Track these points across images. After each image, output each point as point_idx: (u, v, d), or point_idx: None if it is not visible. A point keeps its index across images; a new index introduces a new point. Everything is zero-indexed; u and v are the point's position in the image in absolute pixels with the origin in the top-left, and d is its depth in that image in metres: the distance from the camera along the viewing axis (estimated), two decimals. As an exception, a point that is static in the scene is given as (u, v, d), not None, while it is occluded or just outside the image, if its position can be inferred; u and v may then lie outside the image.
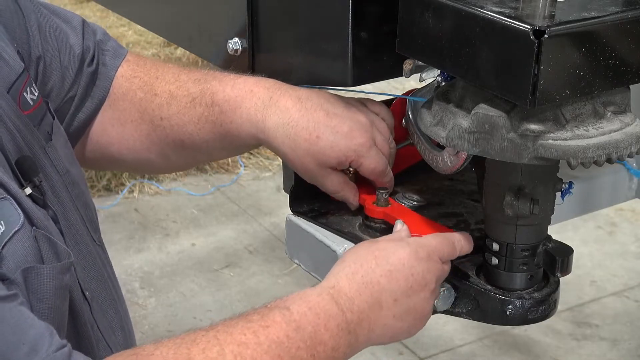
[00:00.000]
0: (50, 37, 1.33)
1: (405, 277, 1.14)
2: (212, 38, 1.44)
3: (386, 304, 1.13)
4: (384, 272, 1.14)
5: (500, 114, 1.08)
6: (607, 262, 3.90)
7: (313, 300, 1.10)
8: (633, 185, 1.57)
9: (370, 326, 1.12)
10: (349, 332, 1.10)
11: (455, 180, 1.46)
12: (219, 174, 4.41)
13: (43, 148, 1.21)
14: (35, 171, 1.14)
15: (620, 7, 1.06)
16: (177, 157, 1.40)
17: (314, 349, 1.05)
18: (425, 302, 1.17)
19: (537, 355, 3.33)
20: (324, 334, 1.07)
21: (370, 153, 1.25)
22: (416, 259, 1.15)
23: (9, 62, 1.19)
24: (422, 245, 1.17)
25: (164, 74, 1.38)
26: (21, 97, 1.20)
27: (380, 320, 1.13)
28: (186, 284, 3.63)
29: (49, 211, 1.15)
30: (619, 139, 1.09)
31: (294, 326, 1.06)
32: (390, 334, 1.16)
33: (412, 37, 1.14)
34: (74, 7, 5.36)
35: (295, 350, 1.04)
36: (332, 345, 1.07)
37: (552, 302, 1.24)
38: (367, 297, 1.12)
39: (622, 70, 1.06)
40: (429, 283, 1.16)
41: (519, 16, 1.01)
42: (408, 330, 1.17)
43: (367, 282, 1.13)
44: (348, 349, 1.10)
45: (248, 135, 1.28)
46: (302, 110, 1.25)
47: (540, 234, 1.23)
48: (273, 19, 1.33)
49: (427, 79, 1.26)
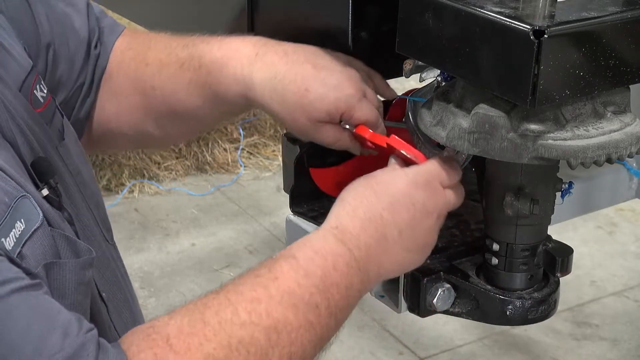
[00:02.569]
0: (57, 25, 1.32)
1: (407, 208, 1.11)
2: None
3: (392, 237, 1.11)
4: (386, 205, 1.11)
5: (500, 114, 1.08)
6: (607, 262, 3.89)
7: (318, 244, 1.08)
8: (633, 185, 1.57)
9: (379, 261, 1.11)
10: (359, 269, 1.08)
11: (455, 180, 1.46)
12: (219, 174, 4.41)
13: (55, 148, 1.20)
14: (52, 172, 1.13)
15: (620, 7, 1.06)
16: (172, 126, 1.38)
17: (327, 291, 1.04)
18: (431, 230, 1.14)
19: (537, 355, 3.33)
20: (335, 275, 1.06)
21: (360, 104, 1.21)
22: (415, 188, 1.13)
23: (18, 60, 1.19)
24: (419, 173, 1.14)
25: (155, 44, 1.36)
26: (32, 94, 1.19)
27: (389, 254, 1.11)
28: (186, 284, 3.63)
29: (64, 213, 1.14)
30: (619, 139, 1.09)
31: (302, 273, 1.04)
32: (399, 267, 1.15)
33: (412, 37, 1.14)
34: (74, 7, 5.36)
35: (308, 297, 1.03)
36: (345, 285, 1.06)
37: (552, 302, 1.24)
38: (372, 232, 1.10)
39: (622, 70, 1.06)
40: (431, 211, 1.13)
41: (519, 16, 1.01)
42: (417, 260, 1.16)
43: (370, 218, 1.10)
44: (361, 286, 1.09)
45: (237, 95, 1.25)
46: (288, 63, 1.22)
47: (540, 234, 1.23)
48: (273, 19, 1.33)
49: (427, 79, 1.26)
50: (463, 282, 1.24)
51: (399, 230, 1.11)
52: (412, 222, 1.12)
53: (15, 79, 1.17)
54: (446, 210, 1.16)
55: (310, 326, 1.02)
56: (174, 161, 4.54)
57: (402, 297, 1.25)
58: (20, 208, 1.01)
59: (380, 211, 1.11)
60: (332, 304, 1.05)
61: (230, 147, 4.67)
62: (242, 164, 4.47)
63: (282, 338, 0.99)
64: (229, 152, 4.64)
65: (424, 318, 1.26)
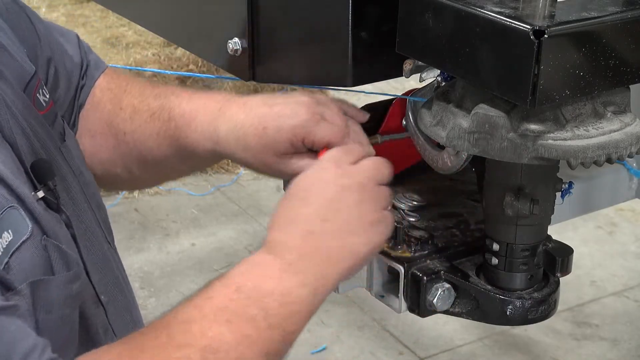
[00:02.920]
0: (55, 45, 1.35)
1: (318, 194, 1.09)
2: (212, 38, 1.44)
3: (317, 228, 1.07)
4: (299, 200, 1.09)
5: (500, 114, 1.08)
6: (607, 262, 3.90)
7: (249, 259, 1.07)
8: (633, 185, 1.57)
9: (315, 257, 1.06)
10: (295, 272, 1.04)
11: (455, 180, 1.46)
12: (219, 174, 4.41)
13: (58, 148, 1.21)
14: (51, 174, 1.13)
15: (620, 7, 1.06)
16: (141, 172, 1.40)
17: (261, 301, 1.01)
18: (361, 204, 1.09)
19: (537, 355, 3.33)
20: (268, 283, 1.03)
21: (319, 126, 1.20)
22: (323, 172, 1.12)
23: (21, 63, 1.20)
24: (326, 159, 1.14)
25: (131, 88, 1.39)
26: (35, 97, 1.20)
27: (325, 247, 1.06)
28: (186, 284, 3.63)
29: (62, 215, 1.14)
30: (619, 139, 1.09)
31: (234, 288, 1.02)
32: (350, 253, 1.08)
33: (412, 37, 1.14)
34: (74, 7, 5.36)
35: (243, 309, 1.00)
36: (281, 292, 1.02)
37: (552, 302, 1.24)
38: (296, 232, 1.07)
39: (622, 70, 1.06)
40: (348, 187, 1.10)
41: (519, 16, 1.01)
42: (366, 241, 1.09)
43: (290, 219, 1.08)
44: (304, 289, 1.04)
45: (205, 150, 1.28)
46: (246, 110, 1.24)
47: (540, 234, 1.23)
48: (273, 19, 1.33)
49: (427, 79, 1.26)
50: (463, 282, 1.24)
51: (321, 219, 1.07)
52: (331, 204, 1.08)
53: (19, 80, 1.18)
54: (370, 179, 1.11)
55: (250, 341, 0.99)
56: (174, 161, 4.54)
57: (402, 297, 1.26)
58: (8, 219, 1.01)
59: (297, 209, 1.09)
60: (270, 314, 1.01)
61: (230, 147, 4.67)
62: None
63: (220, 357, 0.97)
64: (229, 152, 4.64)
65: (424, 318, 1.26)
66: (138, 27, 2.93)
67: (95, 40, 4.85)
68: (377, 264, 1.30)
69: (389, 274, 1.31)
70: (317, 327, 3.51)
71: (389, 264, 1.27)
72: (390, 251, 1.27)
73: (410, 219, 1.35)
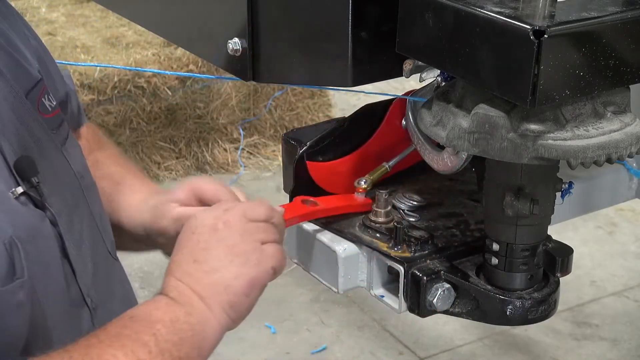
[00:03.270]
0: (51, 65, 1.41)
1: (189, 239, 1.18)
2: (212, 38, 1.44)
3: (191, 269, 1.16)
4: (176, 248, 1.19)
5: (500, 114, 1.08)
6: (607, 262, 3.90)
7: (146, 303, 1.16)
8: (633, 185, 1.57)
9: (193, 295, 1.14)
10: (181, 304, 1.13)
11: (455, 180, 1.46)
12: (219, 174, 4.41)
13: (60, 150, 1.25)
14: (34, 171, 1.15)
15: (620, 7, 1.06)
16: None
17: (152, 327, 1.09)
18: (226, 241, 1.16)
19: (537, 355, 3.33)
20: (157, 313, 1.12)
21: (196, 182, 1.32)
22: (199, 215, 1.21)
23: (28, 70, 1.26)
24: (201, 209, 1.25)
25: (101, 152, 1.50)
26: (40, 101, 1.25)
27: (198, 284, 1.15)
28: (186, 284, 3.62)
29: (46, 212, 1.16)
30: (619, 139, 1.09)
31: (128, 317, 1.12)
32: (219, 289, 1.15)
33: (412, 37, 1.14)
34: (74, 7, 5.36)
35: (136, 335, 1.08)
36: (171, 319, 1.11)
37: (552, 302, 1.24)
38: (175, 275, 1.16)
39: (622, 70, 1.06)
40: (213, 226, 1.17)
41: (519, 16, 1.01)
42: (236, 274, 1.15)
43: (173, 264, 1.18)
44: (190, 318, 1.13)
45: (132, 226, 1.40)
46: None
47: (540, 234, 1.23)
48: (273, 19, 1.33)
49: (427, 79, 1.26)
50: (463, 282, 1.23)
51: (193, 260, 1.16)
52: (199, 244, 1.17)
53: (23, 82, 1.23)
54: (239, 218, 1.18)
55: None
56: (174, 161, 4.54)
57: (402, 297, 1.26)
58: None
59: (177, 252, 1.18)
60: (161, 339, 1.09)
61: (230, 147, 4.67)
62: (242, 164, 4.47)
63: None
64: (229, 152, 4.64)
65: (424, 318, 1.26)
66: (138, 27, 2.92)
67: (95, 40, 4.85)
68: (377, 264, 1.30)
69: (389, 274, 1.31)
70: (317, 327, 3.51)
71: (389, 264, 1.28)
72: (390, 251, 1.27)
73: (410, 219, 1.35)
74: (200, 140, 4.64)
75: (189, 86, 4.60)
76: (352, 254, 1.31)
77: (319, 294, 3.66)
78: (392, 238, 1.27)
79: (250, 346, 3.40)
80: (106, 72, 4.42)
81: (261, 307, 1.24)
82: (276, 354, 3.37)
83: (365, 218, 1.32)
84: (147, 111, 4.53)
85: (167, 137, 4.60)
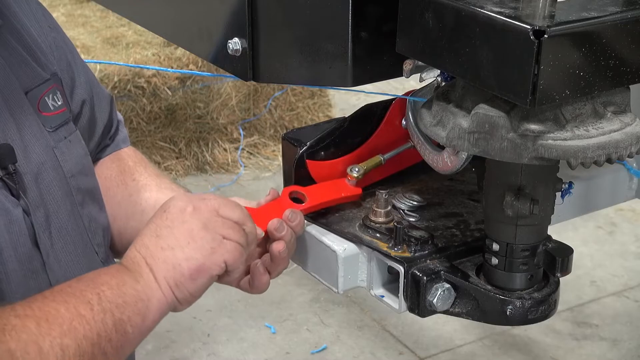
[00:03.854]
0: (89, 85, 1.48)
1: (159, 216, 1.22)
2: (212, 38, 1.44)
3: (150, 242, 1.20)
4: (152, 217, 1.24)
5: (500, 114, 1.08)
6: (607, 262, 3.90)
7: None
8: (633, 185, 1.57)
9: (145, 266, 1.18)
10: (131, 271, 1.18)
11: (455, 180, 1.46)
12: (219, 174, 4.41)
13: (51, 148, 1.29)
14: (12, 159, 1.21)
15: (620, 7, 1.06)
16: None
17: (97, 288, 1.13)
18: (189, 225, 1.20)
19: (537, 355, 3.33)
20: (104, 276, 1.16)
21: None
22: (177, 196, 1.25)
23: (35, 69, 1.31)
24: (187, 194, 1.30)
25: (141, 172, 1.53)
26: (41, 99, 1.30)
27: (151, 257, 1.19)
28: (186, 284, 3.62)
29: (20, 201, 1.22)
30: (619, 139, 1.09)
31: (77, 279, 1.16)
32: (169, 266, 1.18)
33: (412, 37, 1.14)
34: (74, 7, 5.36)
35: (80, 293, 1.12)
36: (117, 283, 1.15)
37: (552, 302, 1.24)
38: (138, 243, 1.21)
39: (622, 70, 1.06)
40: (182, 209, 1.21)
41: (519, 16, 1.01)
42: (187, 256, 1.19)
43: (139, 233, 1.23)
44: (137, 285, 1.16)
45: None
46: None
47: (540, 234, 1.23)
48: (273, 19, 1.33)
49: (427, 79, 1.26)
50: (463, 282, 1.23)
51: (155, 235, 1.20)
52: (165, 222, 1.21)
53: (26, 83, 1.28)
54: (211, 210, 1.22)
55: (84, 320, 1.09)
56: (174, 161, 4.54)
57: (402, 297, 1.25)
58: None
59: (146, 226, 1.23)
60: (105, 299, 1.12)
61: (230, 147, 4.67)
62: (242, 164, 4.47)
63: (54, 328, 1.07)
64: (229, 152, 4.64)
65: (424, 318, 1.26)
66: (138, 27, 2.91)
67: (95, 40, 4.85)
68: (377, 264, 1.30)
69: (389, 274, 1.31)
70: (317, 327, 3.51)
71: (389, 264, 1.28)
72: (390, 251, 1.27)
73: (410, 219, 1.35)
74: (200, 140, 4.64)
75: (189, 86, 4.60)
76: (352, 254, 1.31)
77: (319, 294, 3.66)
78: (392, 238, 1.27)
79: (250, 346, 3.40)
80: (106, 72, 4.42)
81: (261, 307, 1.25)
82: (276, 354, 3.37)
83: (366, 218, 1.32)
84: (147, 111, 4.53)
85: (167, 137, 4.60)
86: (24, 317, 1.06)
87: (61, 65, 1.39)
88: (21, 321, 1.06)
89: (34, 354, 1.04)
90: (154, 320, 1.18)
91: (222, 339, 3.43)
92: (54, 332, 1.06)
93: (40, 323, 1.06)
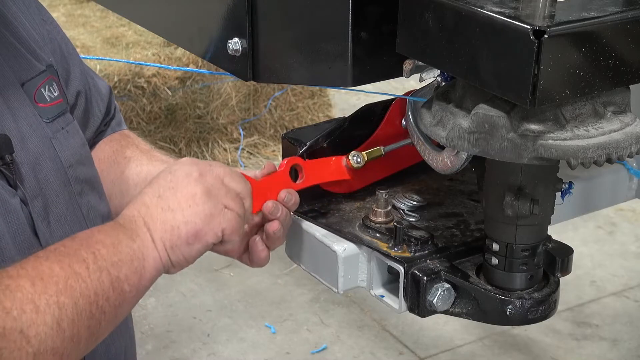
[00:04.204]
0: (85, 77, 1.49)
1: (164, 177, 1.22)
2: (212, 38, 1.44)
3: (151, 202, 1.19)
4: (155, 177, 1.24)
5: (500, 114, 1.08)
6: (607, 262, 3.90)
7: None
8: (633, 185, 1.57)
9: (143, 225, 1.18)
10: (127, 229, 1.17)
11: (455, 180, 1.46)
12: (219, 174, 4.40)
13: (49, 138, 1.30)
14: (8, 149, 1.21)
15: (620, 7, 1.06)
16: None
17: (92, 247, 1.12)
18: (192, 189, 1.20)
19: (537, 355, 3.33)
20: (99, 235, 1.15)
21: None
22: (185, 160, 1.25)
23: (30, 61, 1.31)
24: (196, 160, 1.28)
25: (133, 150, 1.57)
26: (38, 90, 1.31)
27: (150, 216, 1.18)
28: (186, 284, 3.63)
29: (18, 191, 1.22)
30: (619, 139, 1.09)
31: (70, 238, 1.15)
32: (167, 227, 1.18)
33: (412, 37, 1.14)
34: (74, 7, 5.36)
35: (74, 251, 1.11)
36: (112, 242, 1.14)
37: (552, 302, 1.24)
38: (135, 204, 1.21)
39: (622, 70, 1.06)
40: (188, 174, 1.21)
41: (519, 16, 1.01)
42: (186, 220, 1.18)
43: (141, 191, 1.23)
44: (132, 243, 1.15)
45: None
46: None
47: (540, 234, 1.23)
48: (273, 19, 1.33)
49: (427, 79, 1.26)
50: (463, 282, 1.23)
51: (157, 195, 1.20)
52: (169, 184, 1.20)
53: (20, 75, 1.29)
54: (216, 177, 1.22)
55: (80, 278, 1.08)
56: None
57: (402, 297, 1.26)
58: None
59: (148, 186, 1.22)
60: (100, 257, 1.11)
61: (230, 147, 4.67)
62: (242, 164, 4.47)
63: (49, 287, 1.05)
64: (229, 152, 4.64)
65: (424, 318, 1.26)
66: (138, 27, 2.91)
67: (95, 40, 4.85)
68: (377, 264, 1.30)
69: (389, 274, 1.31)
70: (317, 327, 3.51)
71: (389, 264, 1.28)
72: (390, 251, 1.27)
73: (410, 219, 1.35)
74: (200, 140, 4.64)
75: (189, 86, 4.60)
76: (352, 254, 1.31)
77: (319, 294, 3.67)
78: (392, 238, 1.27)
79: (250, 346, 3.40)
80: (106, 72, 4.42)
81: (261, 307, 1.25)
82: (276, 354, 3.37)
83: (366, 218, 1.32)
84: (147, 111, 4.53)
85: (167, 137, 4.60)
86: (17, 277, 1.05)
87: (56, 57, 1.40)
88: (15, 281, 1.04)
89: (30, 312, 1.02)
90: (150, 279, 1.17)
91: (222, 339, 3.44)
92: (50, 291, 1.05)
93: (35, 282, 1.05)
